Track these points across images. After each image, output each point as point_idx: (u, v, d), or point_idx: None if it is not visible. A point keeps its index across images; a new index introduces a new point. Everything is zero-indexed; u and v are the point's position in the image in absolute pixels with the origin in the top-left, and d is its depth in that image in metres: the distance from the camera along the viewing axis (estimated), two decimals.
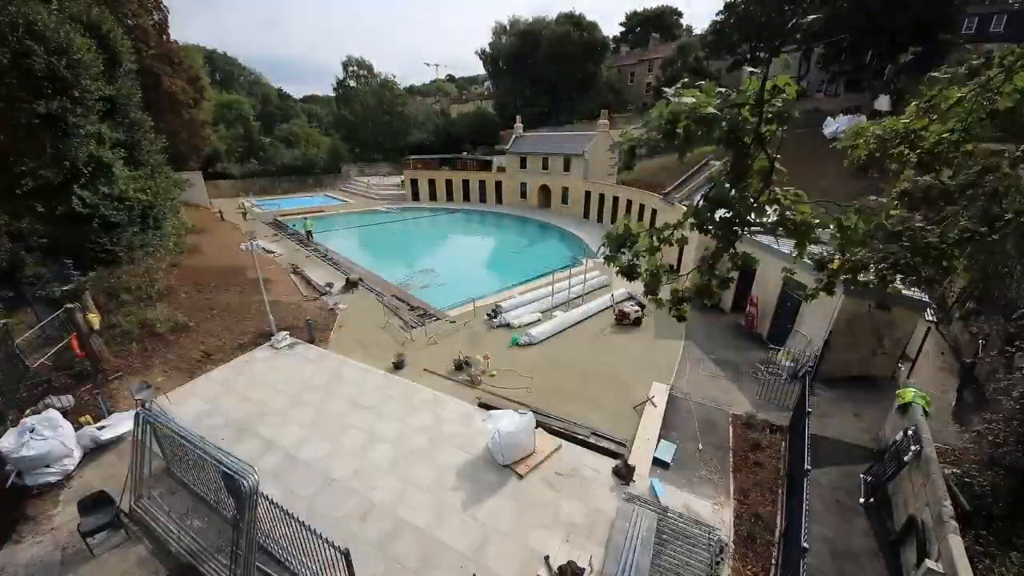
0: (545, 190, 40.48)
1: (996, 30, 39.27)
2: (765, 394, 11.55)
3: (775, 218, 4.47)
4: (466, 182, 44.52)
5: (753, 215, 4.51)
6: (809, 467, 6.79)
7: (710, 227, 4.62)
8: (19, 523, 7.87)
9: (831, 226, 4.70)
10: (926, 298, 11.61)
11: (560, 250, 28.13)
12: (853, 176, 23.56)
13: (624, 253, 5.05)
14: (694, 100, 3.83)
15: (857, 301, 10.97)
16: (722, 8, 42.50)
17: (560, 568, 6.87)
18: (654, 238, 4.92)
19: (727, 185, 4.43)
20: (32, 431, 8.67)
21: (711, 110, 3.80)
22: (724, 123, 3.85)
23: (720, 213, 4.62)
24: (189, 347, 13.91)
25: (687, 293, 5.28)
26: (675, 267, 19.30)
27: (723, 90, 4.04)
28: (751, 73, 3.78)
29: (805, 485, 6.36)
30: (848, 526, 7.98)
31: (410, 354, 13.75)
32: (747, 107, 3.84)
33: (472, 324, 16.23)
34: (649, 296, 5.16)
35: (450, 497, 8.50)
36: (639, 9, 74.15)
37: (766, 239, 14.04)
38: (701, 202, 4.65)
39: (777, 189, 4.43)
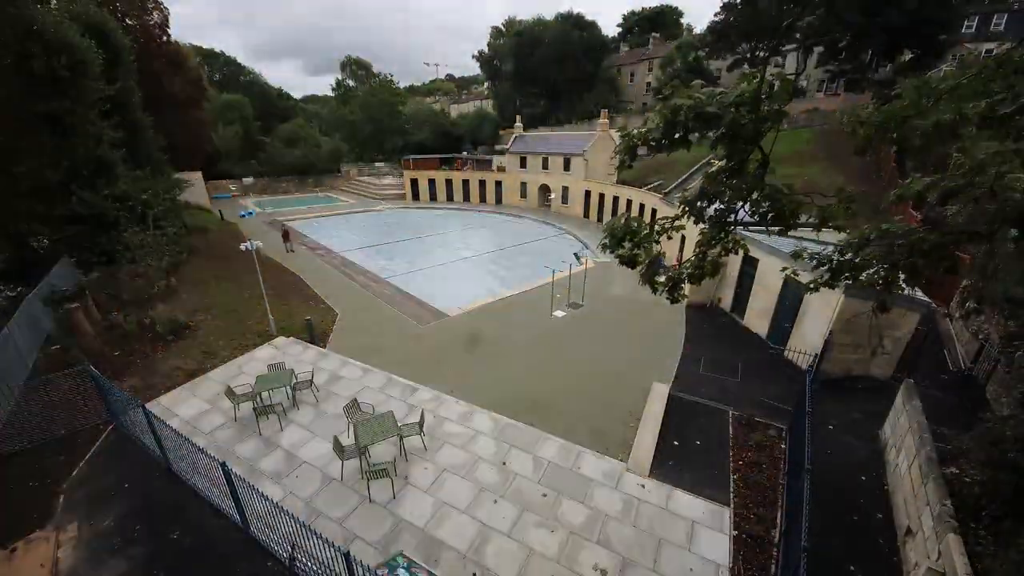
0: (545, 190, 40.51)
1: (996, 29, 39.28)
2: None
3: (765, 208, 4.62)
4: (466, 182, 44.55)
5: (747, 207, 4.66)
6: (809, 467, 6.78)
7: (704, 218, 4.81)
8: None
9: (814, 218, 4.86)
10: (926, 298, 11.61)
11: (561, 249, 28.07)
12: (856, 176, 23.63)
13: (625, 245, 5.23)
14: (694, 101, 3.92)
15: (857, 301, 10.97)
16: (721, 8, 42.50)
17: None
18: (653, 230, 5.10)
19: (722, 178, 4.57)
20: None
21: (712, 109, 3.89)
22: (723, 121, 3.93)
23: (715, 206, 4.81)
24: (190, 347, 13.92)
25: (681, 275, 5.45)
26: (679, 258, 19.49)
27: (719, 90, 4.11)
28: (747, 72, 3.86)
29: (805, 485, 6.36)
30: (848, 526, 7.97)
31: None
32: (745, 106, 3.92)
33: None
34: (645, 282, 5.34)
35: (448, 496, 8.52)
36: (638, 8, 74.13)
37: (766, 240, 14.05)
38: (697, 195, 4.80)
39: (770, 184, 4.55)
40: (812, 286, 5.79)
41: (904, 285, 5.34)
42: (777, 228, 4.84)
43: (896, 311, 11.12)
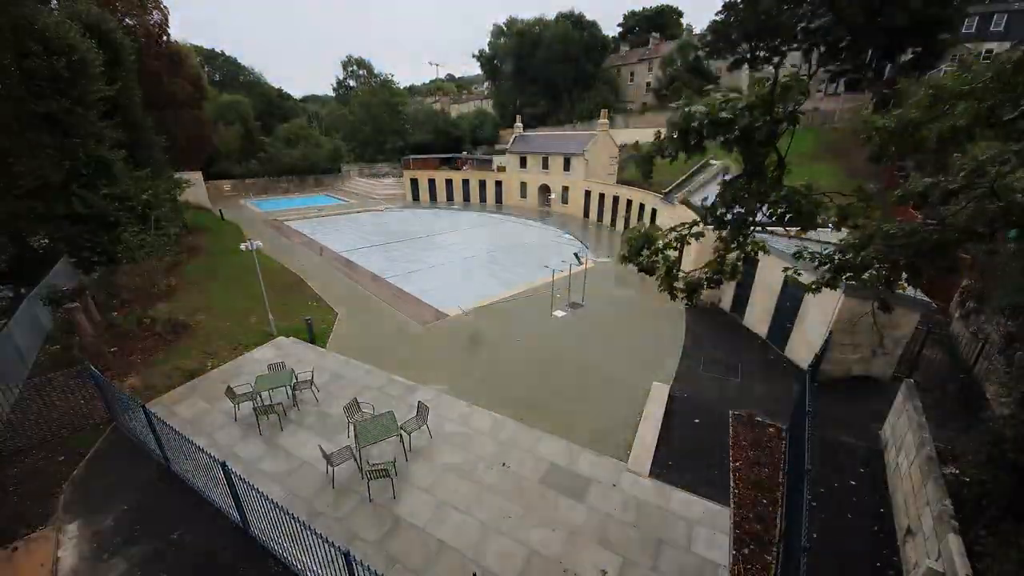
0: (545, 190, 40.51)
1: (996, 30, 39.29)
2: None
3: (784, 209, 4.64)
4: (466, 182, 44.54)
5: (766, 208, 4.68)
6: (809, 467, 6.77)
7: (725, 224, 4.86)
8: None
9: (833, 217, 4.87)
10: (926, 298, 11.61)
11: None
12: (855, 176, 23.63)
13: (644, 253, 5.26)
14: (707, 107, 3.94)
15: (857, 301, 10.98)
16: (721, 8, 42.47)
17: None
18: (673, 237, 5.13)
19: (740, 183, 4.58)
20: None
21: (726, 114, 3.91)
22: (738, 126, 3.95)
23: (734, 211, 4.83)
24: (190, 347, 13.92)
25: (702, 280, 5.47)
26: (679, 262, 19.56)
27: (733, 95, 4.12)
28: (760, 77, 3.88)
29: (805, 485, 6.35)
30: (848, 526, 7.97)
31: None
32: (758, 109, 3.93)
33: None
34: (663, 289, 5.37)
35: (448, 496, 8.52)
36: (639, 8, 74.15)
37: (770, 239, 14.04)
38: (717, 202, 4.82)
39: (788, 185, 4.56)
40: (813, 286, 5.80)
41: (905, 284, 5.34)
42: (796, 228, 4.88)
43: (896, 311, 11.11)
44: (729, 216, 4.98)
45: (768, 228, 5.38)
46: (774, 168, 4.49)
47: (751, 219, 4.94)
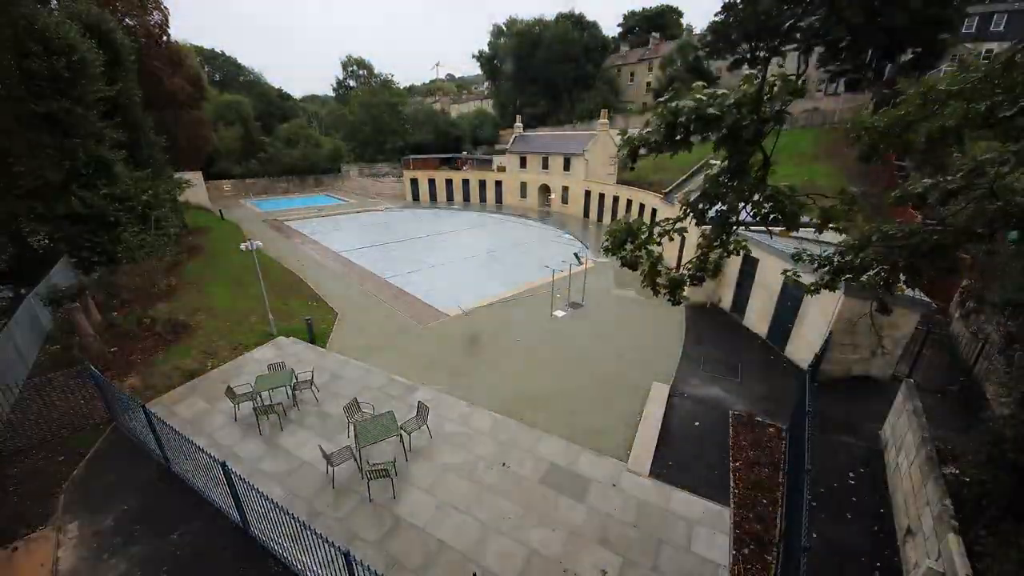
0: (545, 190, 40.51)
1: (996, 29, 39.29)
2: None
3: (767, 209, 4.62)
4: (466, 182, 44.55)
5: (749, 208, 4.66)
6: (809, 467, 6.77)
7: (706, 220, 4.82)
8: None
9: (816, 219, 4.85)
10: (926, 298, 11.61)
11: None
12: (855, 176, 23.64)
13: (627, 247, 5.21)
14: (695, 103, 3.91)
15: (857, 301, 10.98)
16: (721, 8, 42.49)
17: None
18: (655, 232, 5.09)
19: (723, 180, 4.56)
20: None
21: (713, 111, 3.88)
22: (724, 123, 3.92)
23: (716, 208, 4.81)
24: (189, 347, 13.92)
25: (683, 277, 5.44)
26: (677, 259, 19.57)
27: (721, 91, 4.10)
28: (748, 73, 3.85)
29: (805, 485, 6.35)
30: (847, 526, 7.97)
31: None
32: (746, 106, 3.91)
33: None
34: (647, 285, 5.33)
35: (448, 496, 8.52)
36: (638, 9, 74.18)
37: (767, 240, 14.06)
38: (698, 196, 4.80)
39: (771, 185, 4.54)
40: (813, 288, 5.79)
41: (904, 286, 5.34)
42: (779, 229, 4.85)
43: (896, 311, 11.11)
44: (711, 212, 4.96)
45: (752, 228, 5.33)
46: (758, 168, 4.47)
47: (734, 218, 4.91)
